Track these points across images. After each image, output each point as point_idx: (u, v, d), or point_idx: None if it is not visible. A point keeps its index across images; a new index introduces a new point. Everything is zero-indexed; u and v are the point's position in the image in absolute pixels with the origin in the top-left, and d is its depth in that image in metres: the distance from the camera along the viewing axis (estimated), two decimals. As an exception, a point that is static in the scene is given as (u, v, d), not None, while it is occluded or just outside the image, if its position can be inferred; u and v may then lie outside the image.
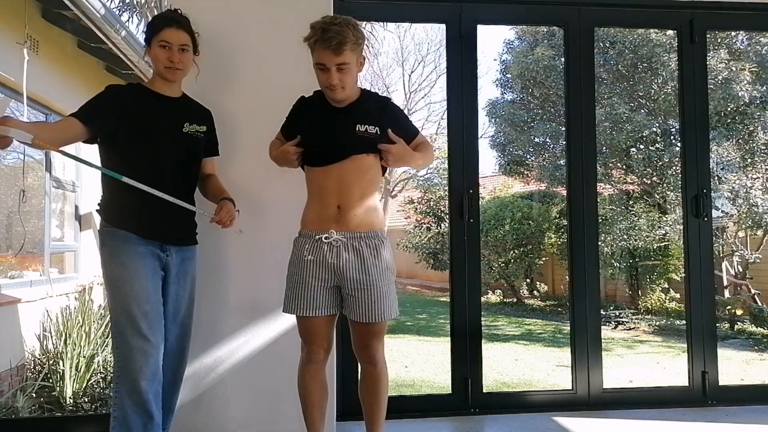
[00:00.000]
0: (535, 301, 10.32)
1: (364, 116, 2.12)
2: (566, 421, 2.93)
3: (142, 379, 2.07)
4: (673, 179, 7.99)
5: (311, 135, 2.15)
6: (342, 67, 2.02)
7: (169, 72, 2.20)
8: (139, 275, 2.11)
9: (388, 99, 2.28)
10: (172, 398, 2.34)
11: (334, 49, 1.99)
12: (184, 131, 2.25)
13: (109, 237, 2.16)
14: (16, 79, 4.24)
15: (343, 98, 2.12)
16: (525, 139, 9.64)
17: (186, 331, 2.33)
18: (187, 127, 2.26)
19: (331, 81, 2.04)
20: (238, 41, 2.72)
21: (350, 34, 2.00)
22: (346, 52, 2.00)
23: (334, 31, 1.98)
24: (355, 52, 2.03)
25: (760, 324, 7.35)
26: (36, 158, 5.07)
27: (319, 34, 2.00)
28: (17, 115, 4.69)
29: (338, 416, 2.78)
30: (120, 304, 2.11)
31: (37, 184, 5.11)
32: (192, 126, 2.27)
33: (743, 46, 7.90)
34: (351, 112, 2.14)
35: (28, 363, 4.21)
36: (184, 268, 2.29)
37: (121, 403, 2.09)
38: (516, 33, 9.97)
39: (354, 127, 2.10)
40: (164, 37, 2.17)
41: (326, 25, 2.00)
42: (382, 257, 2.12)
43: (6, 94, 4.53)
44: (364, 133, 2.10)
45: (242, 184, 2.63)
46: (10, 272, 4.70)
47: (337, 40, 1.98)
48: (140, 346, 2.08)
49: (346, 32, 1.99)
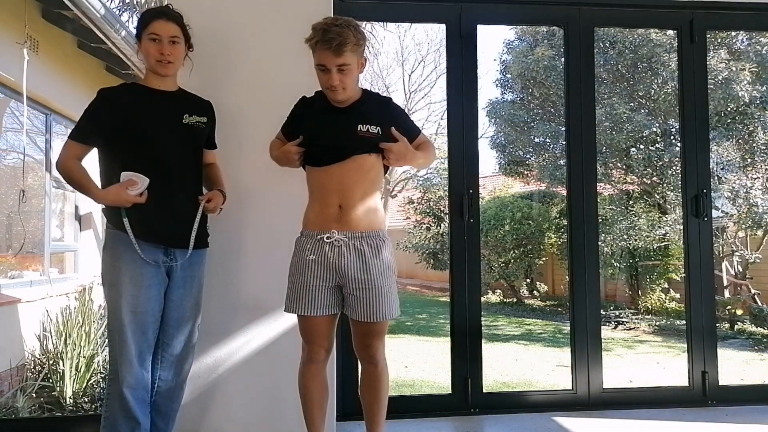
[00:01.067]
0: (535, 301, 10.31)
1: (365, 116, 2.13)
2: (566, 421, 2.93)
3: (124, 387, 2.10)
4: (673, 179, 7.99)
5: (312, 135, 2.15)
6: (343, 68, 2.02)
7: (160, 66, 2.18)
8: (133, 283, 2.10)
9: (389, 99, 2.29)
10: (172, 405, 2.30)
11: (335, 51, 1.99)
12: (184, 122, 2.23)
13: (111, 239, 2.15)
14: (16, 79, 4.24)
15: (344, 99, 2.12)
16: (525, 139, 9.64)
17: (189, 338, 2.30)
18: (186, 118, 2.24)
19: (331, 82, 2.05)
20: (237, 40, 2.72)
21: (351, 36, 2.00)
22: (346, 54, 2.00)
23: (335, 33, 1.98)
24: (355, 53, 2.04)
25: (760, 324, 7.35)
26: (36, 158, 5.07)
27: (320, 35, 2.00)
28: (17, 115, 4.70)
29: (338, 416, 2.78)
30: (112, 309, 2.11)
31: (37, 184, 5.11)
32: (192, 117, 2.25)
33: (743, 46, 7.90)
34: (352, 112, 2.14)
35: (28, 363, 4.20)
36: (190, 272, 2.25)
37: (111, 405, 2.12)
38: (516, 33, 9.96)
39: (356, 127, 2.10)
40: (154, 30, 2.15)
41: (327, 26, 2.01)
42: (383, 257, 2.12)
43: (6, 94, 4.53)
44: (365, 133, 2.10)
45: (244, 183, 2.63)
46: (10, 272, 4.70)
47: (337, 41, 1.98)
48: (125, 354, 2.10)
49: (347, 33, 1.99)
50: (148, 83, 2.24)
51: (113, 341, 2.12)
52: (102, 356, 3.99)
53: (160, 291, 2.17)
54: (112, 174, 2.13)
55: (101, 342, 4.06)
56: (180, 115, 2.23)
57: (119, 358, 2.11)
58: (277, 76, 2.70)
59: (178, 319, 2.24)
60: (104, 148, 2.20)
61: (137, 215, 2.12)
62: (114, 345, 2.12)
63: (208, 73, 2.66)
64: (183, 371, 2.31)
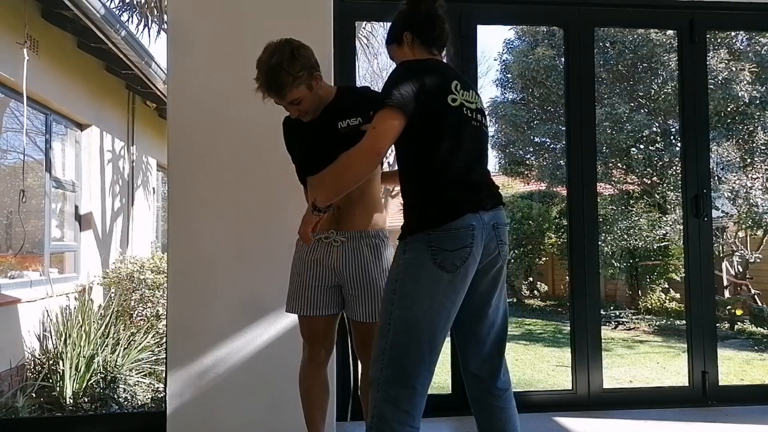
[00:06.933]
0: (535, 301, 10.30)
1: (343, 112, 2.09)
2: (566, 421, 2.93)
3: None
4: (673, 179, 7.99)
5: (300, 150, 2.17)
6: (294, 102, 2.02)
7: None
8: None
9: (366, 87, 2.28)
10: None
11: (277, 95, 2.00)
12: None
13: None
14: (16, 79, 4.24)
15: (313, 116, 2.11)
16: (525, 139, 9.63)
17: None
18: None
19: (292, 115, 2.09)
20: (237, 41, 2.71)
21: (286, 77, 1.95)
22: (289, 93, 1.99)
23: (270, 79, 1.97)
24: (300, 85, 2.00)
25: (760, 324, 7.35)
26: (36, 158, 5.07)
27: (260, 81, 1.99)
28: (17, 115, 4.71)
29: (338, 416, 2.78)
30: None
31: (37, 184, 5.11)
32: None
33: (743, 46, 7.90)
34: (328, 113, 2.11)
35: (28, 363, 4.20)
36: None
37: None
38: (516, 33, 9.94)
39: (335, 126, 2.08)
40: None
41: (262, 70, 1.98)
42: (382, 257, 2.12)
43: (6, 94, 4.53)
44: (346, 129, 2.06)
45: (245, 186, 2.63)
46: (10, 272, 4.70)
47: (275, 87, 1.97)
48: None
49: (282, 76, 1.95)
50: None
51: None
52: (102, 356, 3.99)
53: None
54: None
55: (101, 342, 4.06)
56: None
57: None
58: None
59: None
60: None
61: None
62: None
63: (207, 74, 2.66)
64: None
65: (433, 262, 1.72)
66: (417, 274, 1.73)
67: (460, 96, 1.83)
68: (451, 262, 1.72)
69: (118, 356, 4.04)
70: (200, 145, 2.69)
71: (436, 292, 1.72)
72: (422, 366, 1.74)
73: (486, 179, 1.89)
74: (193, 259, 2.67)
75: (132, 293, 5.24)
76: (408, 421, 1.74)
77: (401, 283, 1.75)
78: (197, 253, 2.66)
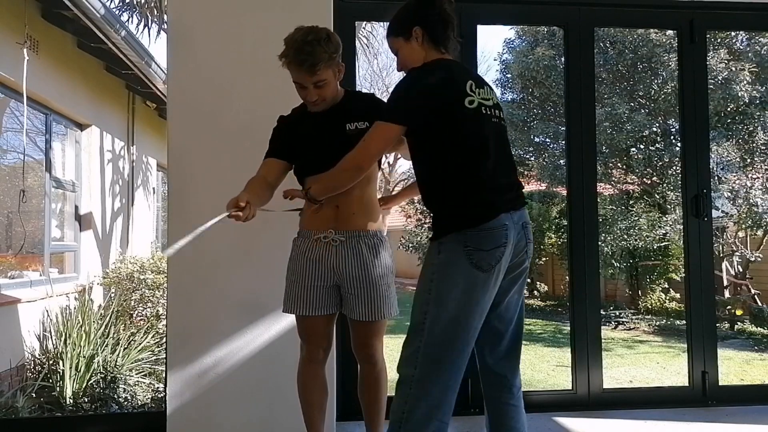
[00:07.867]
0: (535, 301, 10.29)
1: (351, 114, 2.10)
2: (566, 421, 2.93)
3: None
4: (673, 179, 7.99)
5: (301, 146, 2.14)
6: (319, 83, 2.02)
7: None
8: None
9: (371, 94, 2.31)
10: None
11: (308, 71, 1.98)
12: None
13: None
14: (16, 79, 4.24)
15: (325, 108, 2.12)
16: (525, 139, 9.63)
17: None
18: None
19: (310, 98, 2.06)
20: (236, 41, 2.72)
21: (323, 52, 1.97)
22: (321, 71, 1.99)
23: (306, 52, 1.96)
24: (330, 66, 2.02)
25: (760, 324, 7.34)
26: (36, 158, 5.07)
27: (291, 55, 1.98)
28: (17, 115, 4.71)
29: (338, 416, 2.78)
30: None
31: (37, 184, 5.11)
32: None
33: (743, 46, 7.90)
34: (338, 113, 2.12)
35: (28, 363, 4.20)
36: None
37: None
38: (516, 33, 9.95)
39: (344, 127, 2.09)
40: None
41: (298, 44, 1.97)
42: (381, 257, 2.12)
43: (6, 94, 4.53)
44: (354, 131, 2.06)
45: (243, 184, 2.62)
46: (10, 272, 4.71)
47: (309, 61, 1.96)
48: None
49: (318, 51, 1.96)
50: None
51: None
52: (102, 356, 3.99)
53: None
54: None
55: (101, 342, 4.06)
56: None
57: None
58: (276, 79, 2.68)
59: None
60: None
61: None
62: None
63: (206, 74, 2.66)
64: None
65: (469, 261, 1.74)
66: (453, 273, 1.76)
67: (477, 96, 1.83)
68: (487, 262, 1.74)
69: (118, 356, 4.04)
70: (200, 145, 2.69)
71: (472, 291, 1.75)
72: (457, 364, 1.78)
73: (513, 178, 1.91)
74: (193, 259, 2.67)
75: (132, 293, 5.25)
76: (438, 416, 1.78)
77: (437, 284, 1.77)
78: (197, 253, 2.66)
